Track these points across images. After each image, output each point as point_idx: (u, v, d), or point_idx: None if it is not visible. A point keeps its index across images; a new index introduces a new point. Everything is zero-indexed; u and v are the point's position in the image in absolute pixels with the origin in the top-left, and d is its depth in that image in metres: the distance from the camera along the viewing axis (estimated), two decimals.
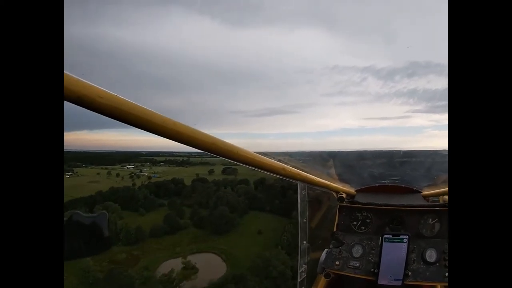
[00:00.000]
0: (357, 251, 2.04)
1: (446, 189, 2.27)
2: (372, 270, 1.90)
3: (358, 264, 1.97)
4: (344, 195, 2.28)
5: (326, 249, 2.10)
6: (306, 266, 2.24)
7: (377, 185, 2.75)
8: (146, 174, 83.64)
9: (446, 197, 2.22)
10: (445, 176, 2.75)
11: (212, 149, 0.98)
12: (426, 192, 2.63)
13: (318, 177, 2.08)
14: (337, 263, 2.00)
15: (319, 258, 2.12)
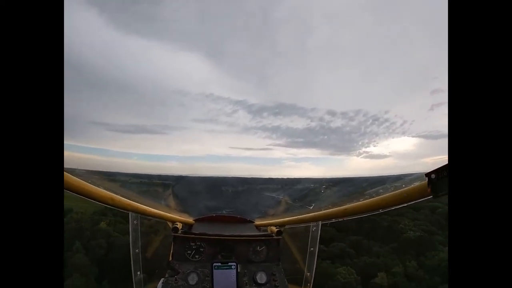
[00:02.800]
0: (193, 278, 2.16)
1: (275, 220, 2.57)
2: None
3: None
4: (178, 225, 2.40)
5: (162, 279, 2.19)
6: None
7: (214, 215, 2.96)
8: None
9: (273, 227, 2.52)
10: (275, 209, 3.21)
11: None
12: (258, 222, 2.87)
13: (153, 207, 2.16)
14: None
15: None
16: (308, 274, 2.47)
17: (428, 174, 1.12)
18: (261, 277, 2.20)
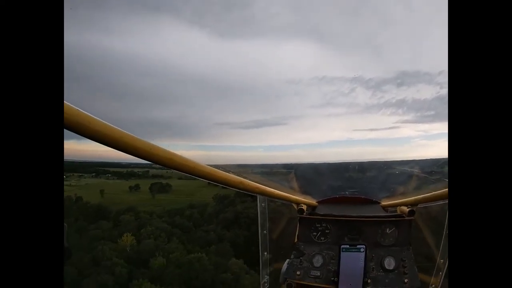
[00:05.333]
0: (318, 260, 2.11)
1: (404, 200, 2.34)
2: (332, 279, 1.97)
3: (318, 274, 2.04)
4: (304, 207, 2.33)
5: (287, 260, 2.15)
6: (268, 277, 2.31)
7: (337, 196, 2.82)
8: None
9: (403, 207, 2.29)
10: (405, 187, 2.88)
11: (169, 164, 1.02)
12: (385, 202, 2.69)
13: (278, 189, 2.13)
14: (298, 273, 2.05)
15: (281, 269, 2.19)
16: (442, 261, 2.21)
17: None
18: (389, 263, 2.00)
